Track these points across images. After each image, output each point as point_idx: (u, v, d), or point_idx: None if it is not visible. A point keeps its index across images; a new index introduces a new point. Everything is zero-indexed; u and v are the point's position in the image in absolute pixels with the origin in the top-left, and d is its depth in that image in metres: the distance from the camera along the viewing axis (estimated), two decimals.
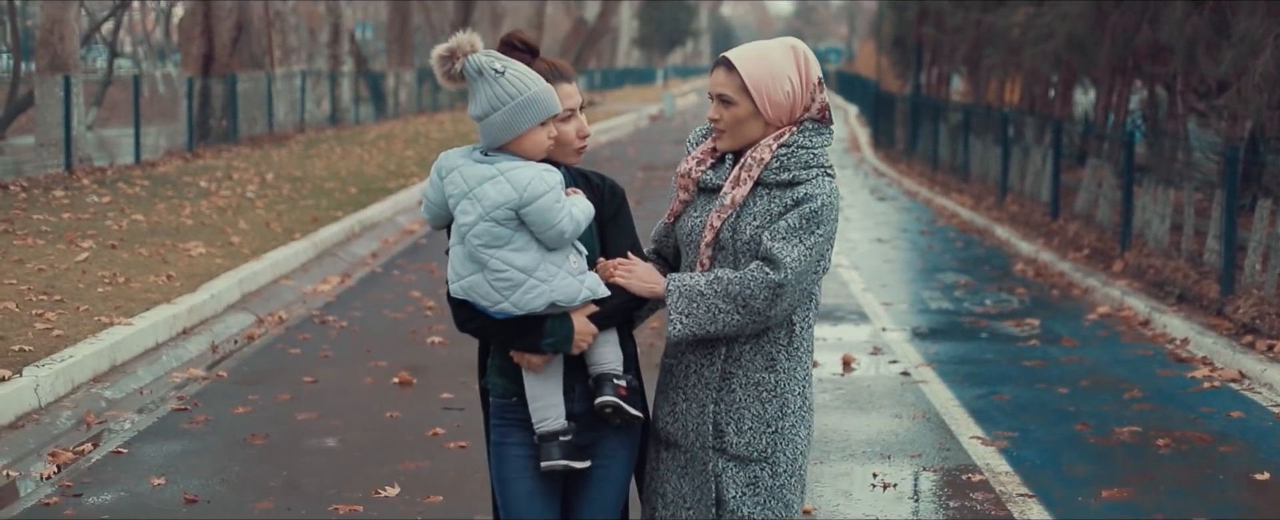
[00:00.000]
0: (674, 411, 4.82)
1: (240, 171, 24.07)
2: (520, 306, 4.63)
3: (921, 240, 19.76)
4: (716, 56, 4.78)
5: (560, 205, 4.62)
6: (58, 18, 24.46)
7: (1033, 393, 10.50)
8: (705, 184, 4.80)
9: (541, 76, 4.71)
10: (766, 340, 4.73)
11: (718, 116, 4.75)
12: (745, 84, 4.68)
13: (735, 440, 4.71)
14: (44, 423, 9.36)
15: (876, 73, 57.32)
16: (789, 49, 4.73)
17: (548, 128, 4.70)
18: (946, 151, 29.12)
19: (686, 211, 4.83)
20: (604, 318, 4.71)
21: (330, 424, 9.51)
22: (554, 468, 4.70)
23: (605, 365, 4.76)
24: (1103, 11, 16.11)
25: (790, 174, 4.66)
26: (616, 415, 4.71)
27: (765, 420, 4.72)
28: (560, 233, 4.61)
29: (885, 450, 8.91)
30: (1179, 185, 15.85)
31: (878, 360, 11.64)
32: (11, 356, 10.15)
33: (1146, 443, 9.09)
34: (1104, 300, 14.28)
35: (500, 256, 4.61)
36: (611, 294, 4.72)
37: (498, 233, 4.61)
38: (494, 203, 4.60)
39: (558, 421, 4.72)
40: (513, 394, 4.82)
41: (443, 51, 4.65)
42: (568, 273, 4.66)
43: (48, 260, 13.81)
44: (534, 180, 4.60)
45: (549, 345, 4.67)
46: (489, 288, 4.64)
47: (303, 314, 13.67)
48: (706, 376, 4.75)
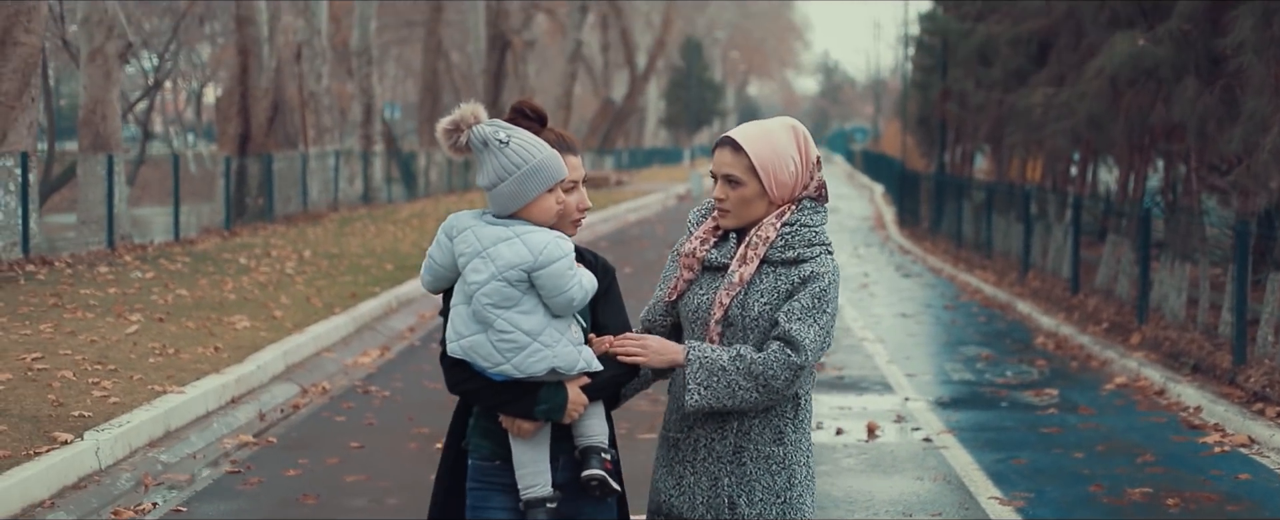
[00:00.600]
0: (681, 485, 4.91)
1: (278, 249, 24.61)
2: (521, 370, 4.68)
3: (945, 315, 20.21)
4: (721, 138, 4.94)
5: (572, 273, 4.70)
6: (100, 98, 25.13)
7: (1050, 457, 10.92)
8: (710, 263, 4.90)
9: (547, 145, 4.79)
10: (774, 415, 4.84)
11: (724, 196, 4.86)
12: (753, 164, 4.81)
13: (747, 512, 4.82)
14: (104, 484, 9.83)
15: (902, 152, 57.87)
16: (790, 129, 4.88)
17: (556, 193, 4.78)
18: (970, 229, 29.61)
19: (691, 290, 4.93)
20: (595, 390, 4.78)
21: (379, 485, 9.97)
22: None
23: (592, 438, 4.82)
24: (1118, 90, 16.61)
25: (795, 252, 4.80)
26: (600, 489, 4.77)
27: (775, 491, 4.83)
28: (569, 300, 4.69)
29: (907, 510, 9.35)
30: (1195, 260, 16.29)
31: (901, 428, 12.08)
32: (72, 421, 10.63)
33: (1157, 503, 9.52)
34: (1121, 371, 14.71)
35: (507, 317, 4.67)
36: (604, 368, 4.79)
37: (508, 293, 4.66)
38: (508, 263, 4.67)
39: (545, 489, 4.77)
40: (497, 457, 4.86)
41: (447, 125, 4.73)
42: (569, 341, 4.73)
43: (99, 332, 14.30)
44: (549, 245, 4.69)
45: (542, 412, 4.72)
46: (491, 348, 4.69)
47: (345, 384, 14.15)
48: (718, 451, 4.85)
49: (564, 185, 4.80)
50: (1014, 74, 24.67)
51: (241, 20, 32.91)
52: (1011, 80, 24.88)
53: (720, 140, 4.91)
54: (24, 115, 20.04)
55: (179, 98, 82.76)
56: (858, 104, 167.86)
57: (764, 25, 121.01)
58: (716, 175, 4.87)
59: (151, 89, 54.68)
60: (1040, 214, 23.43)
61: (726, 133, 4.92)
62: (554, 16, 68.24)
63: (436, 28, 49.55)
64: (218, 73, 70.00)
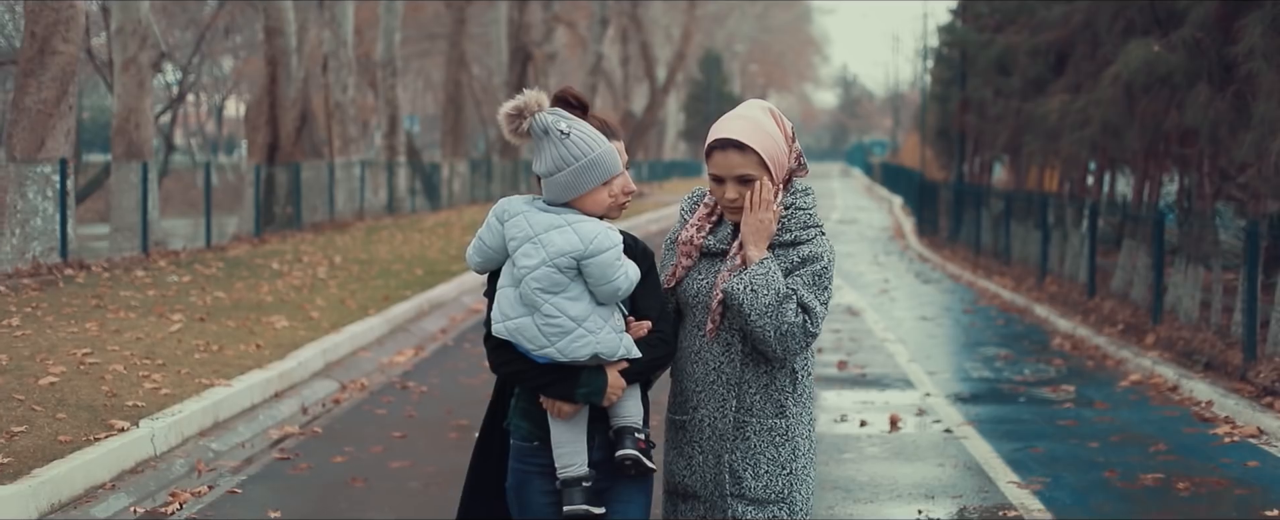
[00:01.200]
0: (690, 465, 5.07)
1: (309, 255, 25.07)
2: (565, 354, 4.82)
3: (964, 318, 20.63)
4: (717, 140, 5.01)
5: (620, 263, 4.85)
6: (134, 107, 25.61)
7: (1066, 446, 11.35)
8: (708, 249, 5.08)
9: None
10: (774, 389, 5.02)
11: (738, 196, 4.99)
12: (762, 159, 4.96)
13: (753, 484, 4.99)
14: (160, 469, 10.29)
15: (921, 164, 58.27)
16: (767, 112, 5.04)
17: (609, 187, 4.92)
18: (989, 237, 30.03)
19: (690, 275, 5.09)
20: (632, 374, 4.93)
21: (423, 470, 10.42)
22: (575, 512, 4.90)
23: (627, 419, 4.97)
24: (1133, 97, 17.02)
25: (792, 235, 5.00)
26: (634, 467, 4.93)
27: (779, 463, 5.00)
28: (615, 289, 4.84)
29: (929, 492, 9.78)
30: (1208, 265, 16.69)
31: (922, 420, 12.52)
32: (127, 410, 11.09)
33: (1169, 487, 9.95)
34: (1136, 369, 15.12)
35: (554, 303, 4.81)
36: (642, 354, 4.94)
37: (557, 279, 4.80)
38: (559, 250, 4.80)
39: (581, 468, 4.92)
40: (535, 438, 5.02)
41: (510, 110, 4.84)
42: (612, 328, 4.87)
43: (143, 330, 14.76)
44: (600, 235, 4.83)
45: (583, 395, 4.87)
46: (537, 331, 4.83)
47: (383, 381, 14.61)
48: (720, 428, 5.01)
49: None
50: (1032, 83, 25.09)
51: (270, 31, 33.40)
52: (1030, 90, 25.31)
53: (720, 143, 4.99)
54: (61, 123, 20.50)
55: (201, 111, 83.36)
56: (876, 117, 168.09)
57: (783, 39, 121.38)
58: (723, 177, 4.99)
59: (174, 102, 55.16)
60: (1057, 221, 23.84)
61: (721, 134, 4.99)
62: (575, 30, 68.68)
63: (459, 40, 50.00)
64: (240, 85, 70.60)
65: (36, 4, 20.43)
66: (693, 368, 5.07)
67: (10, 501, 8.60)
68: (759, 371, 5.02)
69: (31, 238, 20.03)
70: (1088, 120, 18.80)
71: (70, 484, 9.34)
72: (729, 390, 5.00)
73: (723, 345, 5.02)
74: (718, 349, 5.02)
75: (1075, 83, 21.64)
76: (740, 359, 5.01)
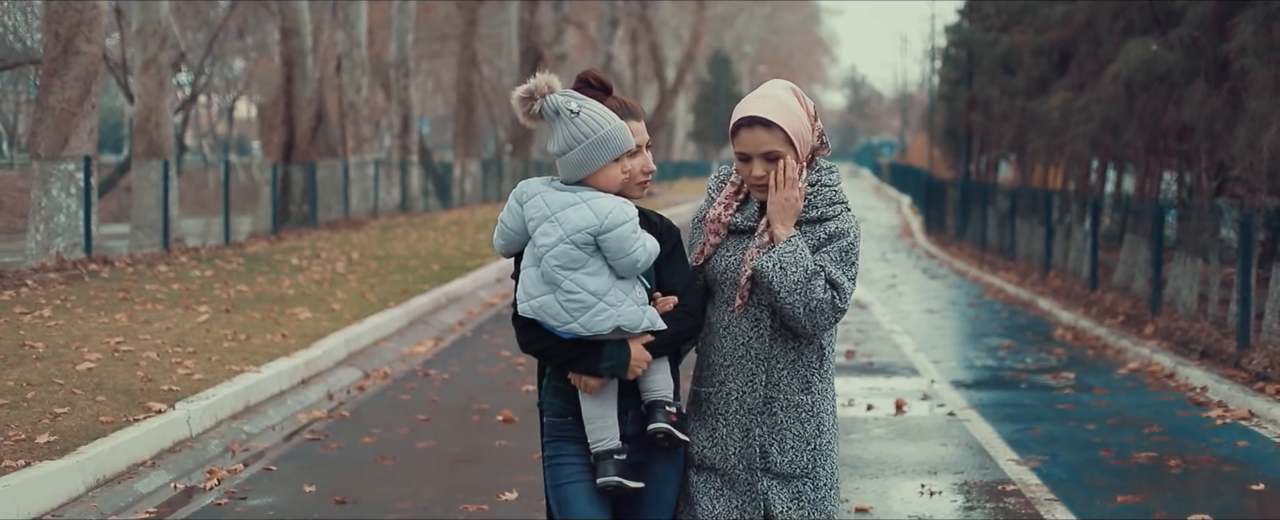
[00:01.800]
0: (713, 437, 5.12)
1: (326, 251, 25.54)
2: (587, 328, 4.90)
3: (970, 311, 21.10)
4: (743, 119, 5.07)
5: (636, 236, 4.93)
6: (154, 106, 26.05)
7: (1064, 428, 11.82)
8: (735, 226, 5.15)
9: (615, 114, 5.00)
10: (801, 365, 5.09)
11: (765, 173, 5.06)
12: (788, 136, 5.03)
13: (779, 459, 5.06)
14: (196, 448, 10.76)
15: (928, 163, 58.67)
16: (790, 90, 5.12)
17: (621, 163, 4.99)
18: (994, 234, 30.51)
19: (717, 253, 5.16)
20: (658, 346, 5.00)
21: (449, 450, 10.90)
22: (608, 484, 4.98)
23: (658, 392, 5.04)
24: (1132, 94, 17.48)
25: (819, 211, 5.06)
26: (667, 440, 4.99)
27: (805, 439, 5.07)
28: (634, 261, 4.91)
29: (932, 469, 10.25)
30: (1206, 257, 17.14)
31: (927, 404, 12.99)
32: (163, 394, 11.57)
33: (1160, 464, 10.42)
34: (1135, 358, 15.58)
35: (574, 279, 4.88)
36: (667, 327, 5.02)
37: (575, 255, 4.88)
38: (575, 226, 4.88)
39: (613, 441, 5.00)
40: (567, 413, 5.11)
41: (522, 93, 4.95)
42: (634, 301, 4.95)
43: (171, 321, 15.23)
44: (615, 210, 4.91)
45: (607, 369, 4.95)
46: (559, 308, 4.91)
47: (405, 369, 15.08)
48: (749, 403, 5.07)
49: (629, 152, 5.03)
50: (1037, 82, 25.55)
51: (287, 32, 33.89)
52: (1034, 88, 25.76)
53: (747, 120, 5.05)
54: (84, 122, 20.95)
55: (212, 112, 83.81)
56: (885, 118, 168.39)
57: (791, 40, 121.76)
58: (750, 155, 5.05)
59: (186, 102, 55.65)
60: (1061, 218, 24.30)
61: (747, 112, 5.06)
62: (584, 31, 69.15)
63: (471, 41, 50.44)
64: (250, 86, 71.07)
65: (60, 5, 20.89)
66: (721, 342, 5.13)
67: (59, 476, 9.07)
68: (787, 347, 5.09)
69: (55, 234, 20.47)
70: (1089, 117, 19.26)
71: (113, 461, 9.81)
72: (758, 365, 5.07)
73: (752, 320, 5.09)
74: (747, 324, 5.09)
75: (1078, 81, 22.09)
76: (769, 334, 5.08)
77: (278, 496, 9.45)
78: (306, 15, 33.99)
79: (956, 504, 9.29)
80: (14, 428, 9.91)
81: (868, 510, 9.01)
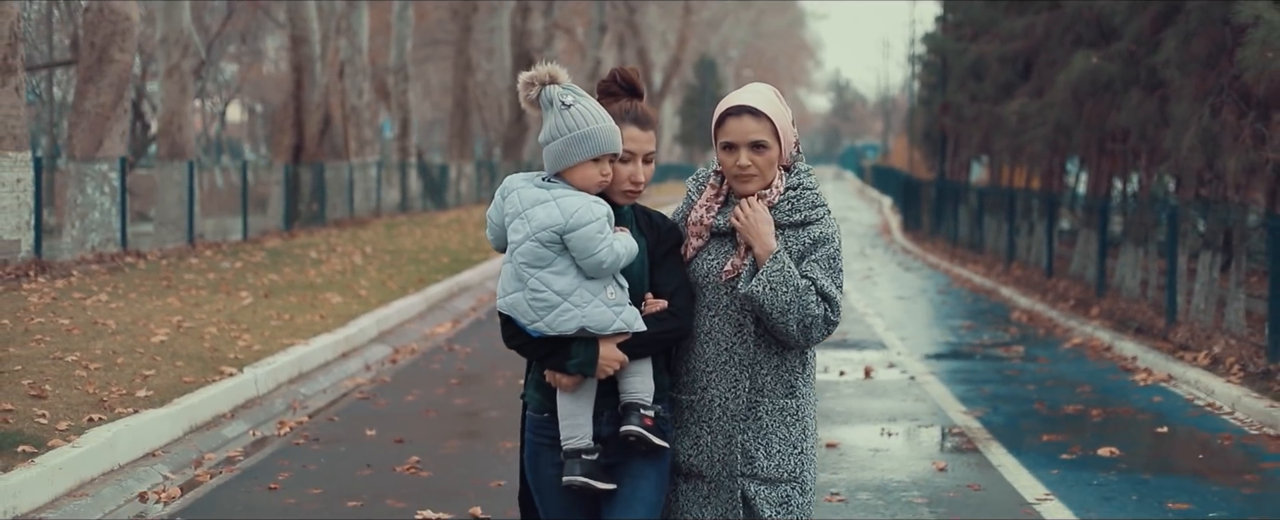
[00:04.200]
0: (697, 444, 5.08)
1: (340, 246, 27.35)
2: (552, 327, 4.88)
3: (938, 298, 23.04)
4: (732, 107, 5.08)
5: (602, 236, 4.86)
6: (177, 110, 27.81)
7: (1008, 388, 13.74)
8: (717, 228, 5.11)
9: (610, 117, 4.99)
10: (785, 369, 5.07)
11: (749, 163, 5.03)
12: (775, 127, 5.04)
13: (765, 464, 5.03)
14: (265, 405, 12.60)
15: (909, 165, 60.53)
16: (774, 92, 5.14)
17: (601, 165, 4.96)
18: (965, 230, 32.47)
19: (700, 255, 5.13)
20: (638, 347, 4.95)
21: (482, 404, 12.77)
22: (574, 483, 4.94)
23: (634, 395, 4.97)
24: (1080, 101, 19.37)
25: (802, 215, 5.05)
26: (641, 444, 4.94)
27: (791, 442, 5.05)
28: (598, 262, 4.85)
29: (892, 417, 12.18)
30: (1147, 247, 19.06)
31: (893, 370, 14.90)
32: (230, 361, 13.41)
33: (1085, 414, 12.36)
34: (1079, 335, 17.49)
35: (540, 277, 4.87)
36: (648, 328, 4.96)
37: (541, 254, 4.87)
38: (541, 224, 4.87)
39: (583, 440, 4.96)
40: (546, 409, 5.07)
41: (526, 78, 4.99)
42: (603, 302, 4.89)
43: (219, 304, 17.04)
44: (581, 209, 4.87)
45: (574, 367, 4.91)
46: (527, 306, 4.90)
47: (430, 346, 16.94)
48: (732, 409, 5.03)
49: (620, 157, 5.02)
50: (1002, 88, 27.40)
51: (297, 40, 35.67)
52: (1000, 94, 27.61)
53: (735, 109, 5.05)
54: (117, 125, 22.68)
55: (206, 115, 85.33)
56: (868, 121, 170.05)
57: (776, 44, 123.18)
58: (737, 144, 5.03)
59: None
60: (1024, 214, 26.24)
61: (736, 102, 5.08)
62: (573, 37, 70.85)
63: (466, 47, 52.16)
64: (242, 91, 72.74)
65: (95, 16, 22.66)
66: (703, 348, 5.09)
67: (162, 422, 10.89)
68: (770, 352, 5.06)
69: (90, 230, 22.17)
70: (1044, 121, 21.17)
71: (201, 412, 11.65)
72: (742, 371, 5.03)
73: (734, 326, 5.05)
74: (729, 330, 5.06)
75: (1038, 87, 23.98)
76: (753, 340, 5.05)
77: (345, 438, 11.31)
78: (315, 25, 35.76)
79: (910, 441, 11.22)
80: (114, 385, 11.72)
81: (836, 445, 10.89)
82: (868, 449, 10.84)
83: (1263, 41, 12.19)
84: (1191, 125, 14.95)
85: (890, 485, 9.68)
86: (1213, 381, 13.25)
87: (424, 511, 8.81)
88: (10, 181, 18.67)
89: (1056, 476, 9.93)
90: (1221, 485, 9.78)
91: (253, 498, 9.37)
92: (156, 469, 10.04)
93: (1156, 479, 9.93)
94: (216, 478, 10.02)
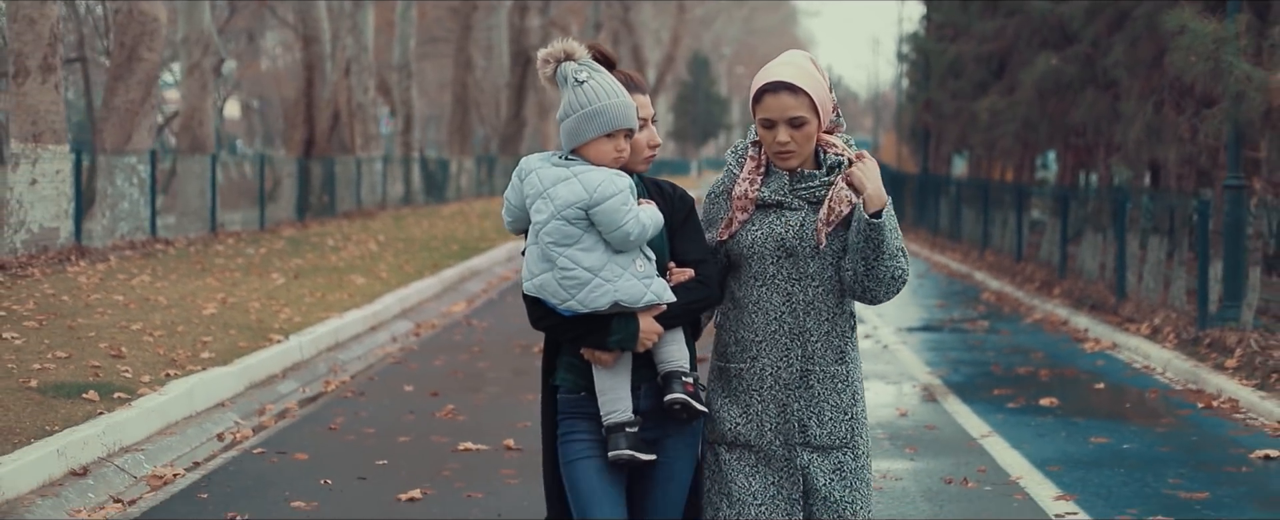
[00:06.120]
0: (747, 414, 5.06)
1: (354, 235, 28.96)
2: (585, 304, 4.87)
3: (915, 282, 24.75)
4: (769, 84, 5.01)
5: (627, 208, 4.85)
6: (197, 106, 29.31)
7: (970, 355, 15.45)
8: (763, 201, 5.07)
9: (625, 91, 4.98)
10: (835, 335, 5.07)
11: (788, 139, 4.99)
12: (813, 102, 4.98)
13: (818, 432, 5.02)
14: (309, 368, 14.23)
15: (897, 160, 62.23)
16: (809, 59, 5.07)
17: (616, 140, 4.95)
18: (945, 220, 34.16)
19: (745, 228, 5.08)
20: (671, 318, 4.95)
21: (504, 367, 14.43)
22: (620, 457, 4.93)
23: (673, 363, 4.98)
24: (1043, 98, 21.11)
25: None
26: (685, 411, 4.94)
27: (842, 409, 5.05)
28: (625, 234, 4.84)
29: (867, 376, 13.78)
30: (1104, 233, 20.73)
31: (868, 341, 16.59)
32: (276, 330, 15.04)
33: (1034, 374, 14.06)
34: (1040, 311, 19.19)
35: (568, 255, 4.85)
36: (678, 298, 4.96)
37: (568, 231, 4.85)
38: (565, 201, 4.85)
39: (625, 414, 4.95)
40: (581, 389, 5.05)
41: (543, 55, 4.99)
42: (633, 275, 4.89)
43: (254, 284, 18.66)
44: (604, 183, 4.86)
45: (615, 342, 4.90)
46: (557, 286, 4.88)
47: (449, 321, 18.58)
48: (784, 378, 5.02)
49: (628, 131, 5.00)
50: (978, 86, 29.02)
51: (308, 39, 37.26)
52: (976, 92, 29.22)
53: (772, 86, 5.00)
54: (145, 120, 24.17)
55: None
56: (860, 117, 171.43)
57: (769, 41, 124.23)
58: (776, 120, 4.98)
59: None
60: (997, 204, 27.93)
61: (773, 77, 5.01)
62: (569, 34, 71.92)
63: (466, 45, 53.63)
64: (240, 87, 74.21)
65: (125, 17, 24.17)
66: (752, 318, 5.09)
67: (227, 378, 12.52)
68: (820, 320, 5.05)
69: (119, 219, 23.61)
70: (1013, 118, 22.89)
71: (258, 371, 13.29)
72: (793, 340, 5.02)
73: (784, 296, 5.04)
74: (779, 299, 5.05)
75: (1010, 86, 25.65)
76: (802, 309, 5.04)
77: (386, 393, 12.96)
78: (325, 24, 37.34)
79: (878, 394, 12.91)
80: (180, 349, 13.35)
81: None
82: None
83: (1187, 48, 13.90)
84: (1137, 120, 16.65)
85: None
86: (1150, 348, 14.96)
87: (465, 443, 10.48)
88: (50, 173, 20.13)
89: (1001, 420, 11.63)
90: (1139, 426, 11.51)
91: (317, 436, 11.02)
92: (228, 415, 11.68)
93: (1086, 422, 11.63)
94: (281, 422, 11.68)
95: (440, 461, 10.05)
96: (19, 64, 19.88)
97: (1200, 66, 13.81)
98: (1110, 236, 20.39)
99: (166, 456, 10.16)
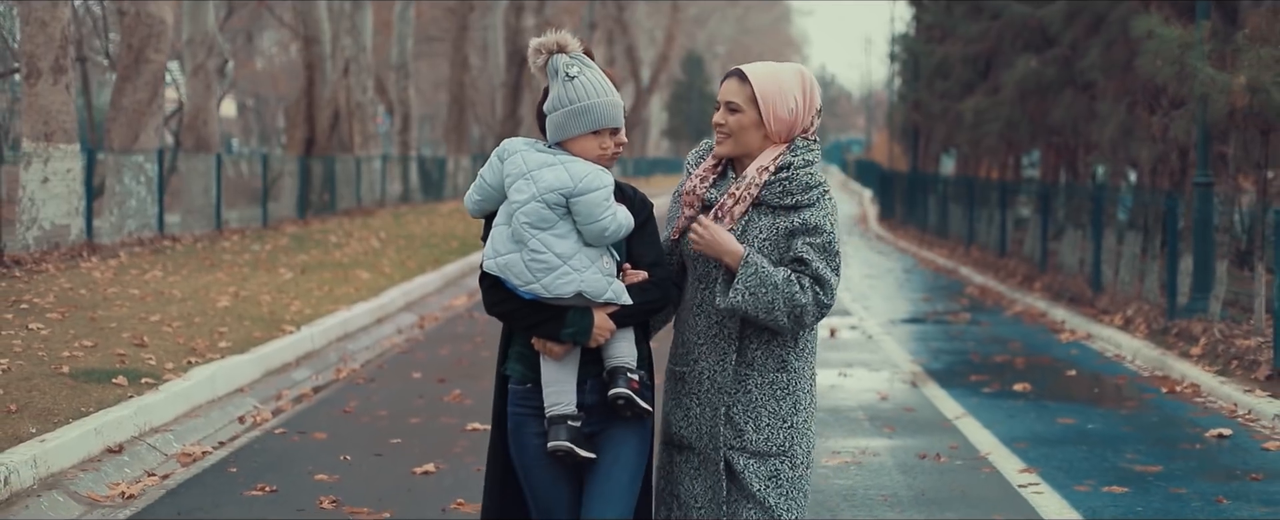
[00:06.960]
0: (687, 416, 5.11)
1: (356, 232, 29.63)
2: (549, 290, 4.89)
3: (902, 276, 25.53)
4: (729, 70, 5.14)
5: (608, 204, 4.91)
6: (201, 106, 29.87)
7: (950, 345, 16.19)
8: (710, 201, 5.10)
9: (614, 90, 5.02)
10: (777, 344, 5.06)
11: (723, 121, 5.02)
12: (754, 95, 5.00)
13: (754, 437, 5.03)
14: (321, 357, 14.94)
15: (889, 159, 62.93)
16: (798, 73, 5.08)
17: (601, 138, 4.99)
18: (934, 218, 34.93)
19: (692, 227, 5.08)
20: (623, 316, 4.99)
21: None
22: (559, 449, 4.95)
23: (620, 359, 5.02)
24: (1025, 99, 21.85)
25: (794, 199, 4.99)
26: (628, 407, 4.97)
27: (781, 416, 5.03)
28: (602, 229, 4.90)
29: (849, 364, 14.61)
30: (1084, 229, 21.48)
31: (854, 332, 17.33)
32: (287, 321, 15.73)
33: (1010, 363, 14.80)
34: (1021, 305, 19.93)
35: (542, 238, 4.88)
36: (633, 299, 5.00)
37: (545, 215, 4.89)
38: (549, 185, 4.89)
39: (568, 407, 4.98)
40: (529, 380, 5.08)
41: (536, 45, 5.00)
42: (599, 270, 4.94)
43: (263, 279, 19.34)
44: (590, 175, 4.92)
45: (568, 335, 4.92)
46: (524, 267, 4.90)
47: (451, 315, 19.28)
48: (719, 381, 5.04)
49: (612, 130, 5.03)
50: (965, 86, 29.71)
51: (309, 40, 37.93)
52: (963, 92, 29.93)
53: (730, 72, 5.10)
54: (152, 120, 24.74)
55: None
56: (853, 116, 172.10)
57: (762, 40, 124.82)
58: (720, 103, 5.07)
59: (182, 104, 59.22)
60: (983, 201, 28.66)
61: (734, 66, 5.13)
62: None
63: (462, 44, 54.22)
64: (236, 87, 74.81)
65: (133, 19, 24.77)
66: (695, 320, 5.13)
67: (243, 366, 13.23)
68: (761, 326, 5.04)
69: (127, 216, 24.16)
70: (996, 117, 23.63)
71: (273, 359, 14.00)
72: (729, 344, 5.03)
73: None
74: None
75: (995, 87, 26.36)
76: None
77: (396, 379, 13.68)
78: (326, 25, 38.00)
79: (860, 379, 13.64)
80: (198, 338, 14.05)
81: None
82: (826, 385, 13.23)
83: (1155, 52, 14.64)
84: (1113, 120, 17.39)
85: (841, 408, 12.11)
86: (1122, 337, 15.71)
87: (473, 424, 11.20)
88: (62, 171, 20.75)
89: (975, 403, 12.38)
90: (1105, 409, 12.28)
91: (333, 417, 11.74)
92: (248, 400, 12.39)
93: (1055, 405, 12.39)
94: (298, 405, 12.40)
95: (451, 440, 10.76)
96: (31, 65, 20.50)
97: (1167, 71, 14.57)
98: (1088, 232, 21.15)
99: (194, 436, 10.87)
